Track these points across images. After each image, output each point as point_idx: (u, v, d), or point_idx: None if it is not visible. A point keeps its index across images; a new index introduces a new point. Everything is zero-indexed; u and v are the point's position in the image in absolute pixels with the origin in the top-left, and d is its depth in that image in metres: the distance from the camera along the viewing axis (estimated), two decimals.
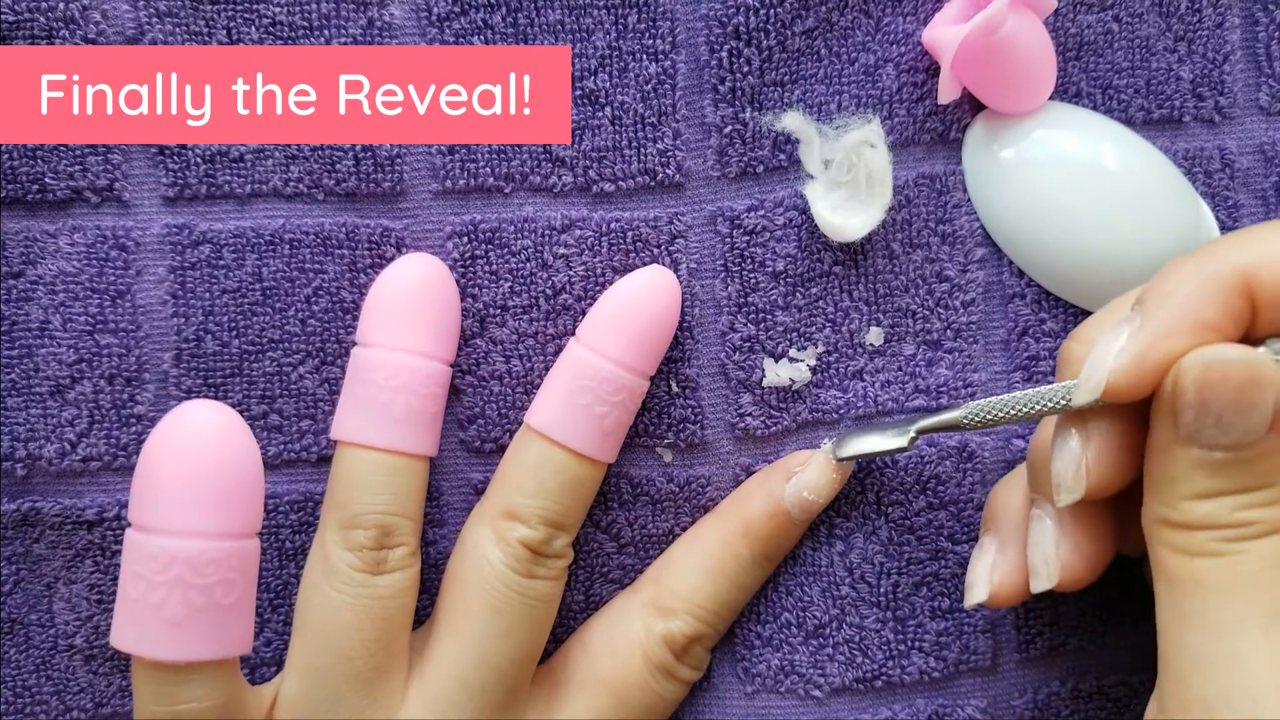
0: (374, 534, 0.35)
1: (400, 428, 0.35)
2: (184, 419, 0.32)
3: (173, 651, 0.31)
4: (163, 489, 0.32)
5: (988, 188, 0.38)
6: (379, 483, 0.35)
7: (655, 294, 0.37)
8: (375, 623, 0.35)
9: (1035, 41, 0.37)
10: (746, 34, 0.37)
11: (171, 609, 0.31)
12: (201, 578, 0.31)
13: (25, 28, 0.37)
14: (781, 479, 0.37)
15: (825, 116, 0.38)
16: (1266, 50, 0.39)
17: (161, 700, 0.32)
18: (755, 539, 0.37)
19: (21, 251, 0.37)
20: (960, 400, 0.38)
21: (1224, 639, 0.28)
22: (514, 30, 0.38)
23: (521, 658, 0.36)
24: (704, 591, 0.37)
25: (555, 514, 0.36)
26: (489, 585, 0.35)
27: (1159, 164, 0.38)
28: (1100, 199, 0.38)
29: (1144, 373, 0.29)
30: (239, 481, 0.32)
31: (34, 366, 0.37)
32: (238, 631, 0.32)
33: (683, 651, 0.37)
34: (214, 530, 0.32)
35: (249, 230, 0.38)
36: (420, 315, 0.36)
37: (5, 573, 0.38)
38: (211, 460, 0.32)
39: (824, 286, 0.38)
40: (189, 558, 0.31)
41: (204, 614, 0.31)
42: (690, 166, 0.38)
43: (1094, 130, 0.38)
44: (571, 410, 0.36)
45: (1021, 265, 0.39)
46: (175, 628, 0.31)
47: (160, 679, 0.32)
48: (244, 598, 0.32)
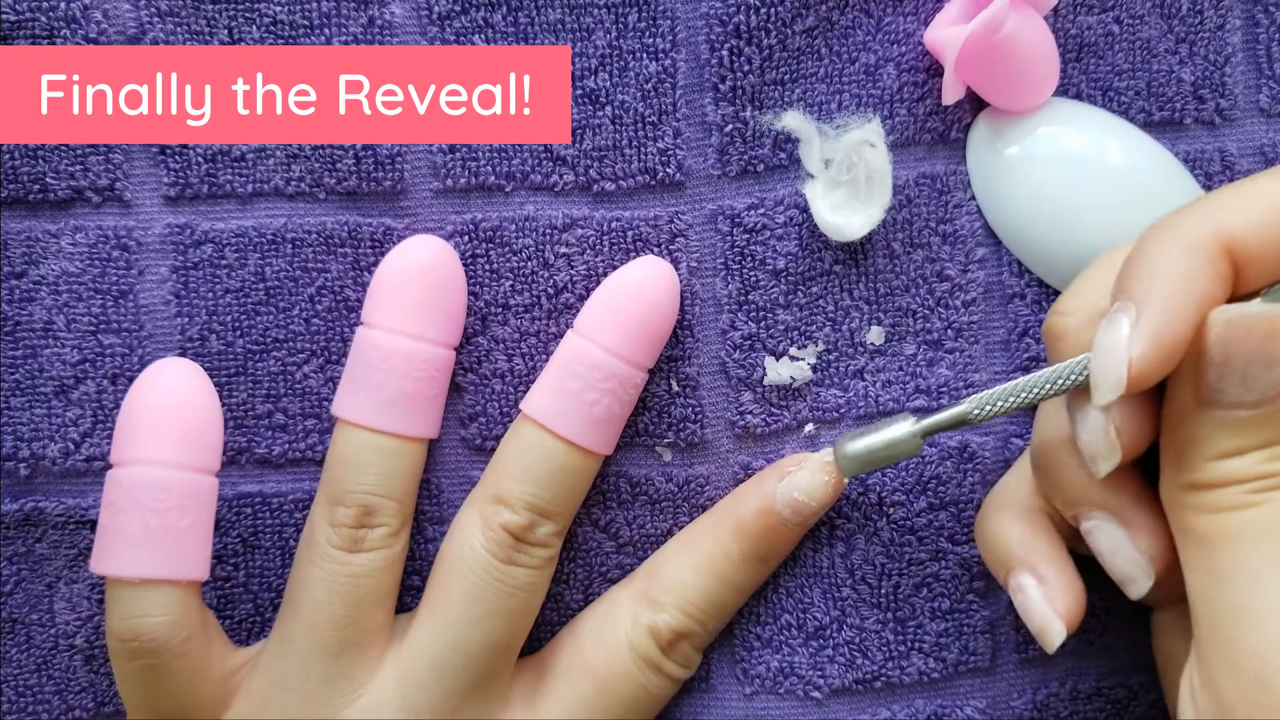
0: (355, 512, 0.36)
1: (390, 409, 0.36)
2: (152, 372, 0.36)
3: (130, 568, 0.35)
4: (129, 428, 0.35)
5: (992, 185, 0.38)
6: (366, 462, 0.36)
7: (648, 283, 0.37)
8: (345, 599, 0.36)
9: (1037, 39, 0.37)
10: (747, 33, 0.37)
11: (131, 530, 0.35)
12: (156, 502, 0.35)
13: (26, 27, 0.37)
14: (775, 479, 0.37)
15: (825, 116, 0.38)
16: (1267, 52, 0.39)
17: (123, 615, 0.35)
18: (745, 537, 0.37)
19: (24, 252, 0.37)
20: (960, 400, 0.38)
21: (1266, 587, 0.28)
22: (514, 29, 0.38)
23: (495, 644, 0.36)
24: (693, 587, 0.37)
25: (541, 500, 0.36)
26: (468, 569, 0.36)
27: (1163, 159, 0.38)
28: (1105, 195, 0.37)
29: (1164, 358, 0.29)
30: (193, 422, 0.35)
31: (38, 367, 0.37)
32: (191, 556, 0.35)
33: (669, 646, 0.37)
34: (167, 461, 0.35)
35: (251, 229, 0.38)
36: (419, 298, 0.36)
37: (7, 572, 0.38)
38: (168, 402, 0.35)
39: (824, 285, 0.38)
40: (145, 483, 0.35)
41: (159, 536, 0.35)
42: (691, 165, 0.38)
43: (1098, 126, 0.38)
44: (559, 396, 0.36)
45: (1027, 263, 0.39)
46: (135, 547, 0.35)
47: (122, 595, 0.35)
48: (197, 525, 0.35)
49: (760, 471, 0.38)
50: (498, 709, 0.37)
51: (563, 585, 0.39)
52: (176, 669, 0.35)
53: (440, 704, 0.36)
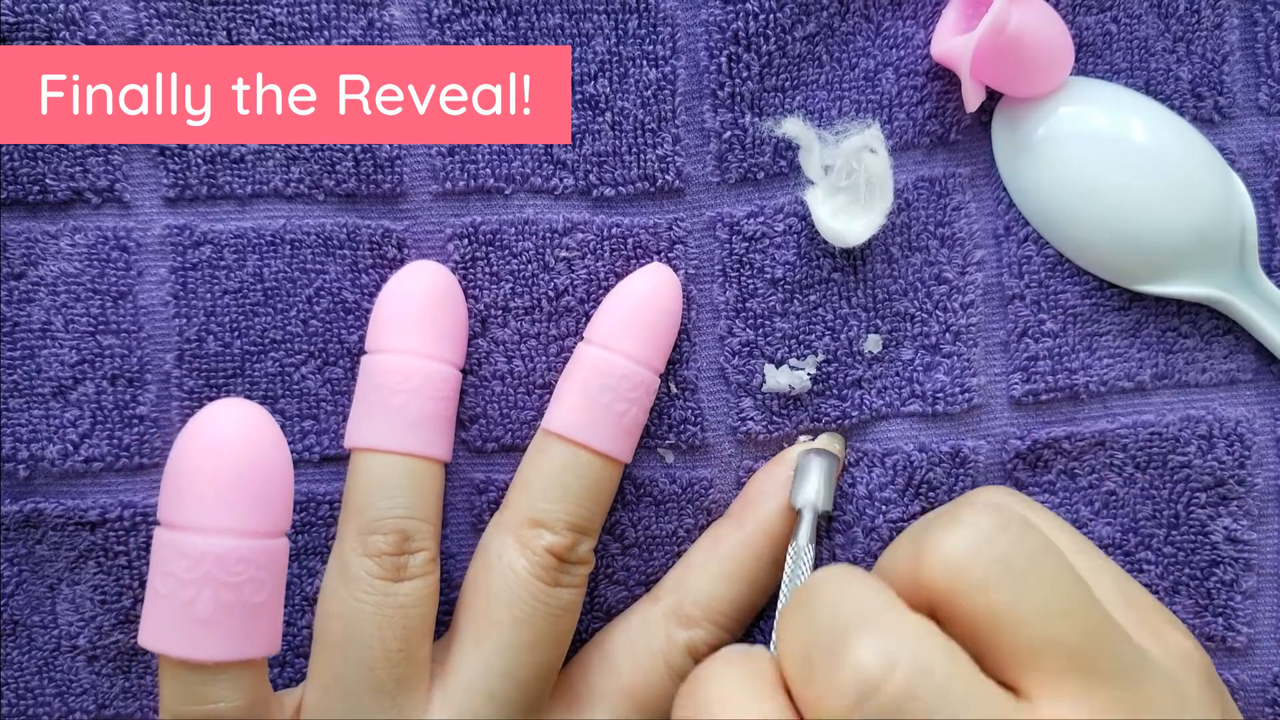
0: (393, 539, 0.34)
1: (415, 431, 0.35)
2: (214, 417, 0.32)
3: (202, 650, 0.31)
4: (192, 487, 0.32)
5: (1022, 173, 0.38)
6: (397, 486, 0.35)
7: (661, 290, 0.37)
8: (397, 632, 0.34)
9: (1045, 25, 0.37)
10: (746, 39, 0.37)
11: (201, 607, 0.31)
12: (231, 576, 0.31)
13: (26, 29, 0.37)
14: (785, 471, 0.38)
15: (825, 122, 0.38)
16: (1265, 50, 0.39)
17: (189, 700, 0.32)
18: (775, 538, 0.37)
19: (23, 253, 0.37)
20: (956, 405, 0.38)
21: None
22: (514, 33, 0.38)
23: (545, 669, 0.35)
24: (725, 598, 0.37)
25: (580, 519, 0.35)
26: (515, 596, 0.35)
27: (1186, 132, 0.38)
28: (1131, 172, 0.37)
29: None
30: (267, 480, 0.32)
31: (36, 368, 0.37)
32: (266, 631, 0.32)
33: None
34: (243, 528, 0.32)
35: (250, 231, 0.38)
36: (430, 320, 0.36)
37: (7, 574, 0.38)
38: (241, 459, 0.32)
39: (823, 293, 0.38)
40: (219, 555, 0.31)
41: (233, 613, 0.31)
42: (690, 172, 0.38)
43: (1119, 102, 0.38)
44: (591, 409, 0.36)
45: (1059, 246, 0.38)
46: (204, 626, 0.31)
47: (188, 679, 0.32)
48: (272, 597, 0.32)
49: (766, 466, 0.38)
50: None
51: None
52: None
53: None
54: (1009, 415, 0.39)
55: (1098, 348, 0.39)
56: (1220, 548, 0.39)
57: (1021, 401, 0.39)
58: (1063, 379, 0.39)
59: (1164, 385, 0.39)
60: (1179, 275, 0.38)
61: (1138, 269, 0.38)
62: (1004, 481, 0.39)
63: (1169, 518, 0.39)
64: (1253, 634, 0.39)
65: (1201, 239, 0.37)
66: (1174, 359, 0.39)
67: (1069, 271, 0.39)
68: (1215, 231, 0.38)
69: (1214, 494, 0.39)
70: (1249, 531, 0.39)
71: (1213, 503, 0.39)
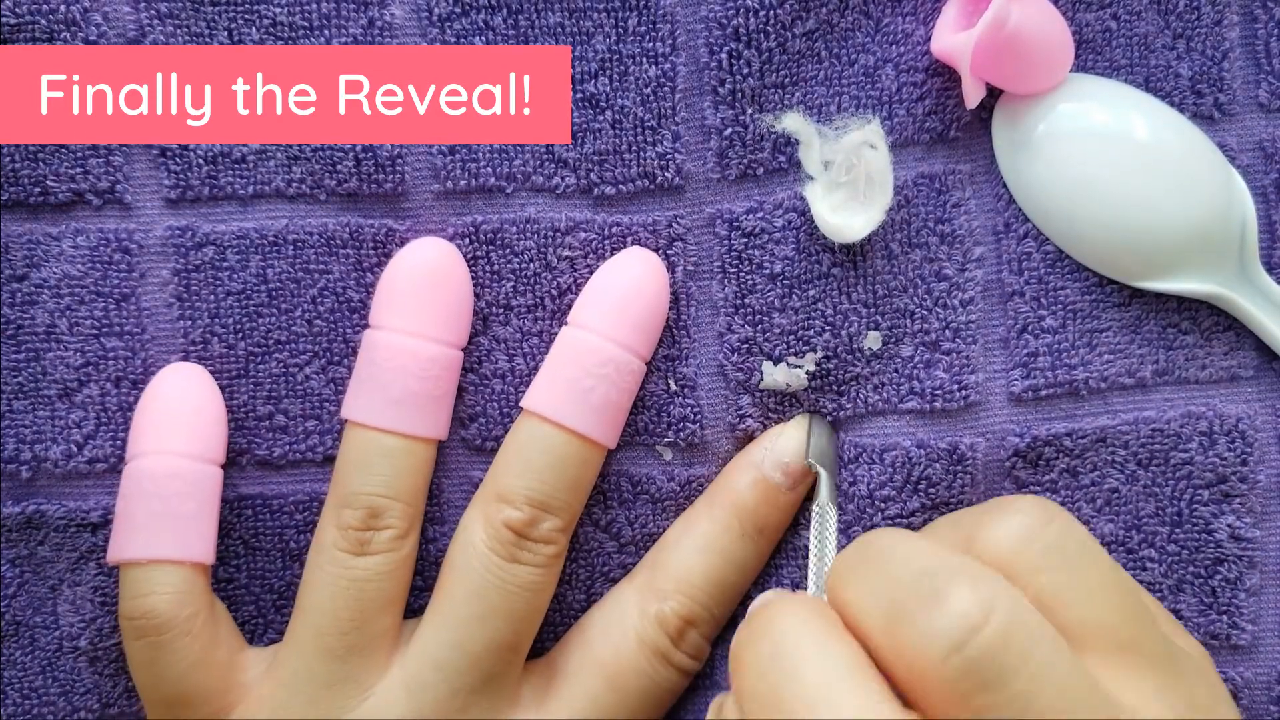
0: (361, 514, 0.36)
1: (395, 408, 0.36)
2: (158, 376, 0.38)
3: (138, 550, 0.36)
4: (139, 427, 0.37)
5: (1022, 170, 0.38)
6: (372, 463, 0.36)
7: (632, 268, 0.37)
8: (349, 603, 0.36)
9: (1045, 21, 0.37)
10: (746, 36, 0.37)
11: (138, 516, 0.36)
12: (163, 487, 0.36)
13: (26, 30, 0.37)
14: (759, 451, 0.38)
15: (825, 118, 0.38)
16: (1266, 47, 0.39)
17: (131, 594, 0.36)
18: (743, 510, 0.38)
19: (25, 255, 0.38)
20: (955, 402, 0.38)
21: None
22: (515, 32, 0.38)
23: (499, 644, 0.36)
24: (697, 570, 0.37)
25: (541, 494, 0.36)
26: (469, 568, 0.36)
27: (1186, 129, 0.38)
28: (1131, 168, 0.37)
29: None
30: (196, 415, 0.37)
31: (41, 370, 0.38)
32: (197, 539, 0.36)
33: (678, 635, 0.37)
34: (174, 450, 0.36)
35: (252, 231, 0.38)
36: (425, 298, 0.36)
37: (9, 575, 0.38)
38: (174, 399, 0.37)
39: (822, 289, 0.38)
40: (153, 471, 0.36)
41: (164, 519, 0.36)
42: (690, 169, 0.38)
43: (1119, 98, 0.38)
44: (554, 385, 0.36)
45: (1059, 243, 0.38)
46: (141, 531, 0.36)
47: (131, 576, 0.36)
48: (202, 512, 0.36)
49: (743, 449, 0.39)
50: (507, 710, 0.37)
51: (564, 585, 0.39)
52: (182, 647, 0.35)
53: (446, 704, 0.36)
54: (1008, 412, 0.39)
55: (1098, 344, 0.39)
56: (1224, 545, 0.39)
57: (1021, 398, 0.39)
58: (1062, 375, 0.38)
59: (1164, 382, 0.39)
60: (1179, 272, 0.38)
61: (1138, 265, 0.38)
62: (1005, 480, 0.39)
63: (1172, 515, 0.39)
64: (1257, 632, 0.39)
65: (1201, 236, 0.37)
66: (1174, 355, 0.39)
67: (1069, 268, 0.39)
68: (1215, 228, 0.38)
69: (1216, 491, 0.39)
70: (1252, 529, 0.39)
71: (1215, 500, 0.39)
